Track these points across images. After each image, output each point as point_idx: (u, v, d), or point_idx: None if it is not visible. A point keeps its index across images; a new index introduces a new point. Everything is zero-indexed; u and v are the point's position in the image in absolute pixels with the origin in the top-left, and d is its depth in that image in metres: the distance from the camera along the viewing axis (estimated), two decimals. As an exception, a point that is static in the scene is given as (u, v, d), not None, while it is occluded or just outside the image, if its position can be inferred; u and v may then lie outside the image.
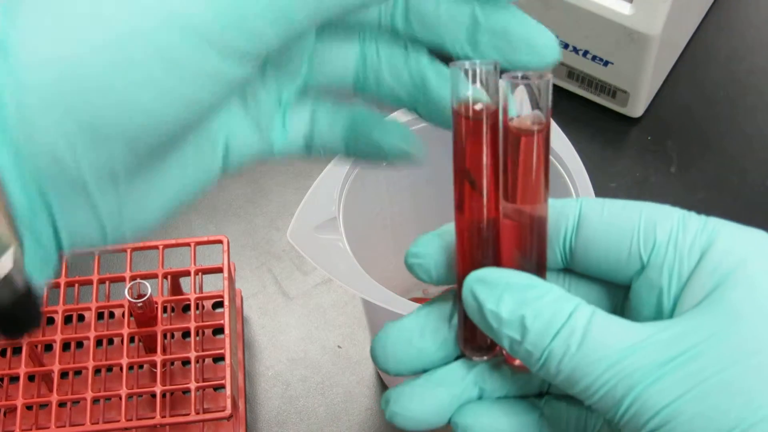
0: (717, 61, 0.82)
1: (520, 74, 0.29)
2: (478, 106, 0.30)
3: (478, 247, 0.31)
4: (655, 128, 0.77)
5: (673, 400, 0.26)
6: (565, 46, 0.74)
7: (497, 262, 0.31)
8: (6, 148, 0.24)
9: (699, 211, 0.32)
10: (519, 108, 0.30)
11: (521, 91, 0.30)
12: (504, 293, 0.29)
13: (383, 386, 0.66)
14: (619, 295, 0.32)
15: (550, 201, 0.31)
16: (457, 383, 0.31)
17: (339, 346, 0.68)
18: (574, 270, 0.32)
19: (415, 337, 0.32)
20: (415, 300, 0.59)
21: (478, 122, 0.30)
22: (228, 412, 0.56)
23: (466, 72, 0.29)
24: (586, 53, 0.74)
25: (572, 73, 0.76)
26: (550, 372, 0.28)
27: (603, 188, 0.73)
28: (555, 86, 0.77)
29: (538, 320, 0.28)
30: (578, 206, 0.31)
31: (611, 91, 0.76)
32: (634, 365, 0.27)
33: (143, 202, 0.27)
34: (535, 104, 0.30)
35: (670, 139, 0.77)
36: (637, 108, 0.76)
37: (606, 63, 0.74)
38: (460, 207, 0.31)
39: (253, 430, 0.64)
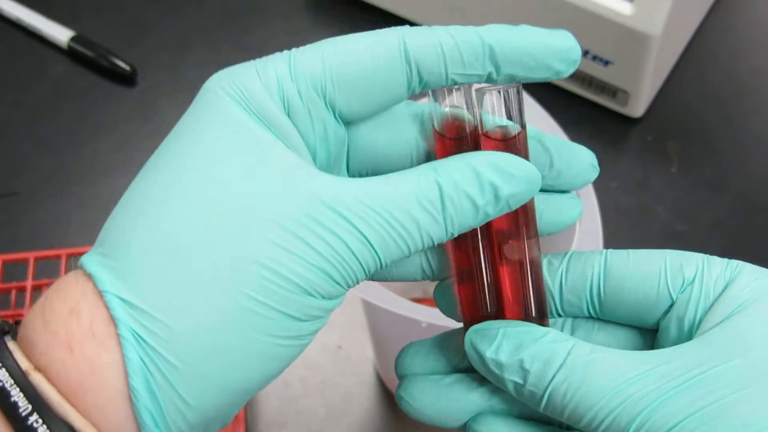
0: (718, 61, 0.82)
1: (492, 86, 0.31)
2: (458, 124, 0.31)
3: (473, 290, 0.32)
4: (655, 128, 0.77)
5: (678, 422, 0.27)
6: (566, 46, 0.74)
7: (499, 306, 0.32)
8: (158, 416, 0.28)
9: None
10: (491, 118, 0.31)
11: (492, 100, 0.31)
12: (502, 341, 0.30)
13: (383, 387, 0.66)
14: (648, 338, 0.32)
15: (574, 252, 0.32)
16: (466, 391, 0.32)
17: (339, 346, 0.67)
18: (602, 318, 0.33)
19: (431, 356, 0.34)
20: (415, 300, 0.59)
21: (458, 141, 0.31)
22: (228, 412, 0.56)
23: (443, 93, 0.31)
24: (586, 53, 0.74)
25: (572, 73, 0.76)
26: (556, 410, 0.29)
27: (603, 188, 0.73)
28: (556, 86, 0.78)
29: (536, 361, 0.29)
30: (603, 257, 0.32)
31: (612, 91, 0.75)
32: (639, 393, 0.27)
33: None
34: (508, 113, 0.31)
35: (671, 139, 0.77)
36: (637, 108, 0.76)
37: (606, 63, 0.73)
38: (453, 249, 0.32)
39: (253, 431, 0.64)
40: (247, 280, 0.27)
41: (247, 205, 0.28)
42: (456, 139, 0.31)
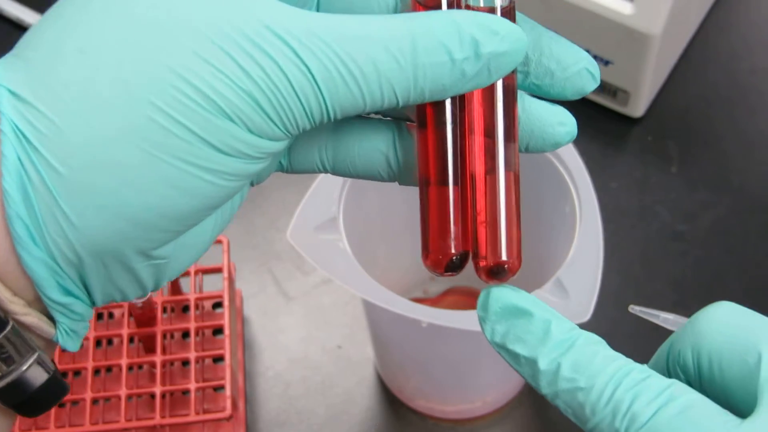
0: (718, 61, 0.82)
1: None
2: None
3: (443, 196, 0.29)
4: (655, 128, 0.77)
5: None
6: (566, 45, 0.74)
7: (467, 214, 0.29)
8: (34, 229, 0.25)
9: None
10: None
11: None
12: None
13: (383, 386, 0.66)
14: None
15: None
16: None
17: (339, 347, 0.67)
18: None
19: None
20: (416, 300, 0.59)
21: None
22: (228, 412, 0.56)
23: None
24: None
25: (573, 73, 0.76)
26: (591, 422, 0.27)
27: (603, 188, 0.73)
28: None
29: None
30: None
31: (612, 91, 0.75)
32: None
33: (181, 256, 0.28)
34: None
35: (671, 139, 0.77)
36: (638, 108, 0.76)
37: (606, 63, 0.73)
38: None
39: (253, 431, 0.64)
40: (157, 88, 0.24)
41: (177, 14, 0.25)
42: (435, 8, 0.28)
